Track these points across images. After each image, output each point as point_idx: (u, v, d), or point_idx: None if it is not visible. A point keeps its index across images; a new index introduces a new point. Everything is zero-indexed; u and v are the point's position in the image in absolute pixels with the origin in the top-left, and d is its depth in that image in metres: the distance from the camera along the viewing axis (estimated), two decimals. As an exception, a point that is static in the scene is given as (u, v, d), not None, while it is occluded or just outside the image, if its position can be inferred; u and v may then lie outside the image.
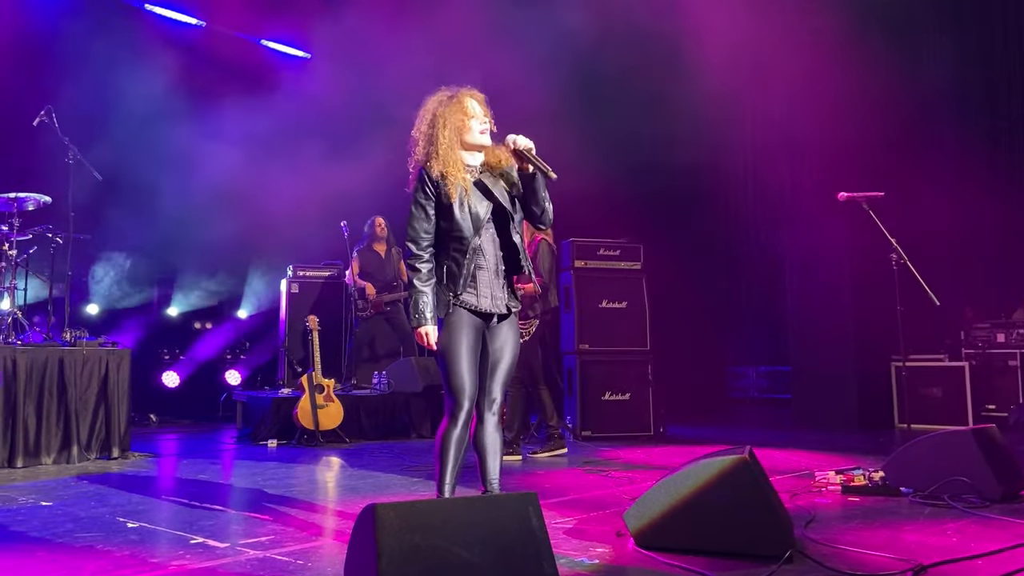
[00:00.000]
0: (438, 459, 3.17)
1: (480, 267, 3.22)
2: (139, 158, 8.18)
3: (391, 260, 8.17)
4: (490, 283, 3.23)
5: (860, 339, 8.03)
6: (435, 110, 3.25)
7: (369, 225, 8.23)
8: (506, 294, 3.30)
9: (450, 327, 3.19)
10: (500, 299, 3.26)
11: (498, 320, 3.28)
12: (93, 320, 8.44)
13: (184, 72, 8.64)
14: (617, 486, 4.67)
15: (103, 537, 3.45)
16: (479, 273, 3.21)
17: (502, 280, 3.28)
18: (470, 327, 3.20)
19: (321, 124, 9.09)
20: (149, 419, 8.53)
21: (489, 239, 3.25)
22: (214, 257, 9.11)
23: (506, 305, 3.29)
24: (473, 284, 3.20)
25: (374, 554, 2.19)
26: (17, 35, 7.96)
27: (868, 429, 7.69)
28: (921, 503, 4.02)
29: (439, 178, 3.18)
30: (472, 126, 3.23)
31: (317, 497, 4.49)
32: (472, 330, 3.21)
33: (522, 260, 3.31)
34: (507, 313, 3.30)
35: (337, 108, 8.96)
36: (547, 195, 3.29)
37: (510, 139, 3.23)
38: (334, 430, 6.80)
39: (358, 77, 8.88)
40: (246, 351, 9.41)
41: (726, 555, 3.05)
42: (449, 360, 3.17)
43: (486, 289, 3.22)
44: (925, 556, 3.01)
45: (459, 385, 3.16)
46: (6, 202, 6.15)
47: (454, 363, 3.16)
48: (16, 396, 5.54)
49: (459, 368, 3.16)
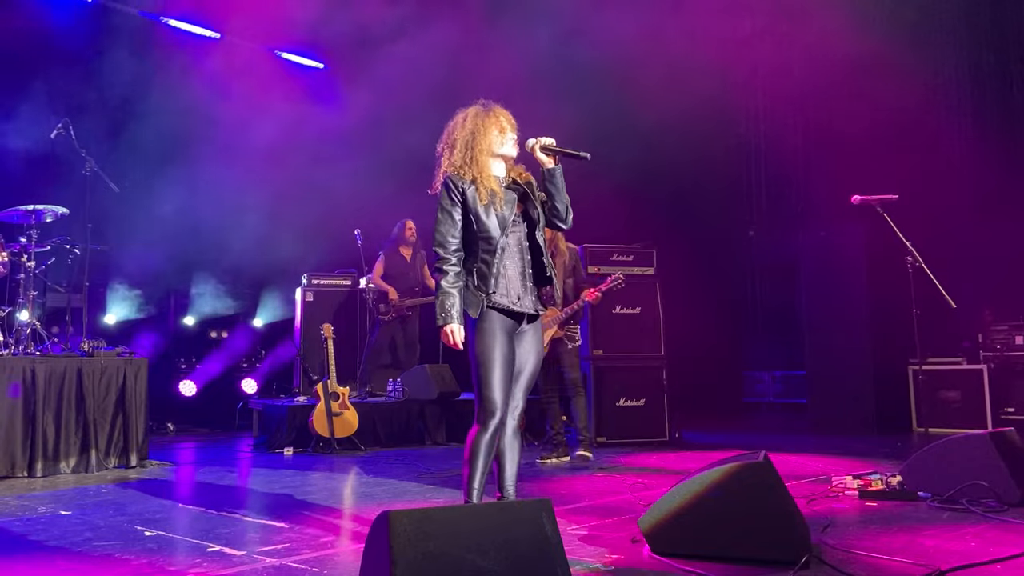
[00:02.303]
0: (468, 464, 3.23)
1: (508, 267, 3.33)
2: (156, 168, 8.28)
3: (415, 265, 8.18)
4: (519, 284, 3.34)
5: (876, 342, 7.97)
6: (472, 120, 3.41)
7: (399, 227, 8.20)
8: (533, 297, 3.39)
9: (484, 333, 3.26)
10: (528, 301, 3.36)
11: (527, 322, 3.37)
12: (111, 330, 8.51)
13: (201, 83, 8.72)
14: (632, 492, 4.66)
15: (121, 546, 3.48)
16: (508, 273, 3.32)
17: (529, 283, 3.39)
18: (503, 333, 3.29)
19: (338, 133, 9.15)
20: (167, 428, 8.59)
21: (515, 241, 3.38)
22: (230, 266, 9.17)
23: (534, 308, 3.38)
24: (504, 283, 3.30)
25: (388, 561, 2.20)
26: (33, 45, 8.04)
27: (885, 433, 7.63)
28: (939, 507, 3.98)
29: (470, 183, 3.33)
30: (505, 138, 3.41)
31: (333, 504, 4.50)
32: (506, 336, 3.29)
33: (546, 263, 3.42)
34: (535, 315, 3.39)
35: (353, 118, 9.01)
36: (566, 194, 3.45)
37: (531, 142, 3.41)
38: (349, 437, 6.82)
39: (374, 88, 8.94)
40: (262, 360, 9.46)
41: (742, 561, 3.04)
42: (484, 369, 3.24)
43: (516, 289, 3.33)
44: (943, 561, 2.98)
45: (492, 395, 3.22)
46: (24, 214, 6.22)
47: (489, 372, 3.23)
48: (35, 406, 5.60)
49: (494, 378, 3.23)
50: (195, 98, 8.55)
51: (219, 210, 8.34)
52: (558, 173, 3.40)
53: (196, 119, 8.51)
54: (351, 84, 9.37)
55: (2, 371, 5.50)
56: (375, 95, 8.85)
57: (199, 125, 8.53)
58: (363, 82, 9.11)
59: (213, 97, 8.71)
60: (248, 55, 9.65)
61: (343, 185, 8.65)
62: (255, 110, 8.72)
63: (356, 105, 9.04)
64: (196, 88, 8.62)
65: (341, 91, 9.57)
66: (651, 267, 7.57)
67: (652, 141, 8.79)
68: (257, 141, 8.67)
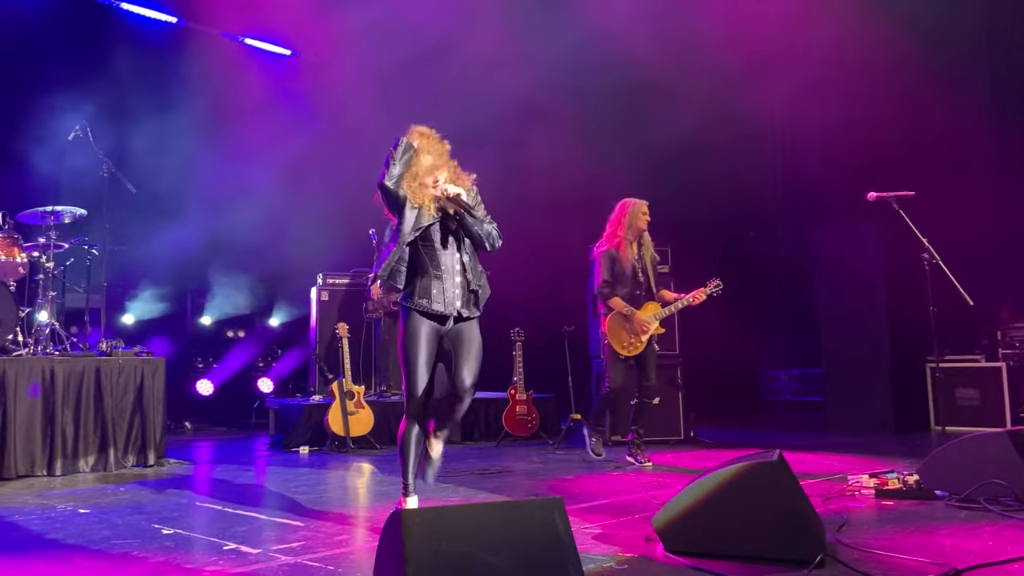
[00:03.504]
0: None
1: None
2: (168, 170, 8.34)
3: None
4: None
5: (893, 340, 7.92)
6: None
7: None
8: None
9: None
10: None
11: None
12: (128, 330, 8.59)
13: (210, 84, 8.78)
14: (646, 491, 4.65)
15: (139, 544, 3.51)
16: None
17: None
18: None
19: (347, 132, 9.18)
20: (184, 426, 8.67)
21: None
22: (246, 267, 9.23)
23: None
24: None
25: (401, 560, 2.21)
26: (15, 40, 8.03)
27: (903, 432, 7.58)
28: (956, 506, 3.95)
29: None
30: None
31: (348, 503, 4.53)
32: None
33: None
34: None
35: (363, 115, 9.04)
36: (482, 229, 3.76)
37: (442, 188, 3.69)
38: (365, 436, 6.85)
39: (380, 83, 8.97)
40: (278, 359, 9.52)
41: (757, 560, 3.03)
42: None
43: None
44: (960, 560, 2.96)
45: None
46: (43, 215, 6.29)
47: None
48: (55, 405, 5.66)
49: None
50: (214, 97, 8.61)
51: (236, 210, 8.40)
52: (466, 218, 3.71)
53: (214, 118, 8.57)
54: (362, 82, 9.39)
55: (22, 371, 5.57)
56: (385, 93, 8.88)
57: (216, 124, 8.59)
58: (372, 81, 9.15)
59: (231, 96, 8.78)
60: (265, 54, 9.73)
61: (358, 184, 8.68)
62: (272, 109, 8.78)
63: (368, 104, 9.07)
64: (215, 87, 8.69)
65: (354, 89, 9.60)
66: (666, 265, 7.54)
67: (667, 139, 8.77)
68: (273, 140, 8.72)
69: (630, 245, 5.80)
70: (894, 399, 7.84)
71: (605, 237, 5.92)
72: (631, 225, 5.79)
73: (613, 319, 5.80)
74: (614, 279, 5.76)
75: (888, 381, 7.88)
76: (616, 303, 5.75)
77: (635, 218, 5.79)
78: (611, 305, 5.78)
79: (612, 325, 5.80)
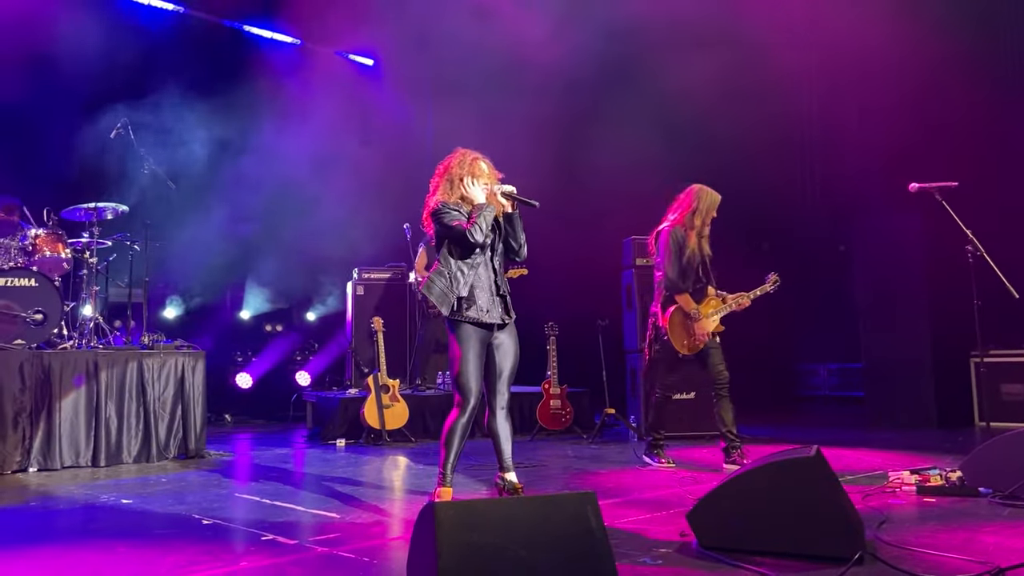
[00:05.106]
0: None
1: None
2: (209, 165, 8.47)
3: None
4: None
5: (936, 334, 7.74)
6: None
7: None
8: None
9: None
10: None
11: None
12: (170, 324, 8.75)
13: (276, 83, 8.94)
14: (681, 486, 4.62)
15: (179, 534, 3.58)
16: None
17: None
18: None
19: (387, 128, 9.25)
20: (224, 419, 8.81)
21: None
22: (284, 262, 9.35)
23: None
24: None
25: (434, 552, 2.22)
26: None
27: (946, 428, 7.42)
28: (1000, 504, 3.86)
29: None
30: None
31: (383, 495, 4.57)
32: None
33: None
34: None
35: (402, 112, 9.11)
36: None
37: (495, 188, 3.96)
38: (400, 429, 6.90)
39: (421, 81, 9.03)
40: (315, 353, 9.63)
41: (793, 556, 2.98)
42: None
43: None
44: (1003, 559, 2.89)
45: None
46: (86, 212, 6.44)
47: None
48: (99, 398, 5.79)
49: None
50: (260, 94, 8.75)
51: (274, 206, 8.51)
52: (516, 221, 4.04)
53: (256, 115, 8.70)
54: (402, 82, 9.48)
55: (67, 364, 5.70)
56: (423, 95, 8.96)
57: (258, 121, 8.71)
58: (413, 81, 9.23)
59: (279, 94, 8.91)
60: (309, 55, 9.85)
61: (394, 179, 8.75)
62: (312, 107, 8.87)
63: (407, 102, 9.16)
64: (263, 86, 8.83)
65: (393, 89, 9.70)
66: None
67: (698, 130, 8.68)
68: (310, 138, 8.82)
69: (695, 235, 5.35)
70: (936, 394, 7.67)
71: (672, 222, 5.39)
72: (704, 213, 5.32)
73: (676, 315, 5.31)
74: (683, 271, 5.30)
75: (930, 375, 7.71)
76: (686, 301, 5.28)
77: (709, 208, 5.33)
78: (679, 301, 5.30)
79: (674, 322, 5.32)
